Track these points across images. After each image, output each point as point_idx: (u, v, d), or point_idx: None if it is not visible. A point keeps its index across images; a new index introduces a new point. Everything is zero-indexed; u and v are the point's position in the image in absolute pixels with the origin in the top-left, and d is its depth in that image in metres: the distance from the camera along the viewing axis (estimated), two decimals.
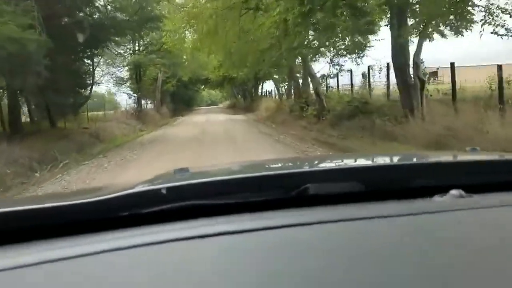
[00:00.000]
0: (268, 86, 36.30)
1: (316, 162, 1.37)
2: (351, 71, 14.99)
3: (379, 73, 12.89)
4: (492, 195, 0.73)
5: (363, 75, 14.04)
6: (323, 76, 15.04)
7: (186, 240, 0.56)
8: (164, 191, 0.70)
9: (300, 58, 16.65)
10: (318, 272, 0.47)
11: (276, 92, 27.87)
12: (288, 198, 0.72)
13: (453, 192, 0.69)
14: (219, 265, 0.51)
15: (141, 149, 10.49)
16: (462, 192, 0.69)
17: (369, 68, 13.61)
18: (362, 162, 1.24)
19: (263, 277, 0.47)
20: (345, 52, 13.80)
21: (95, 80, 25.16)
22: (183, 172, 0.90)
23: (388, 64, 12.58)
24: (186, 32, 15.95)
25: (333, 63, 14.94)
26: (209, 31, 14.64)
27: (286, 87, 24.10)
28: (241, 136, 12.66)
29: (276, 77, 26.06)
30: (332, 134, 11.42)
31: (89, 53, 14.20)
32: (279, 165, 1.29)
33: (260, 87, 34.11)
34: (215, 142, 11.28)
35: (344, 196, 0.72)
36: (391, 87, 12.13)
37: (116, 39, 13.16)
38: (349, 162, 1.29)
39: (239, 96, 52.31)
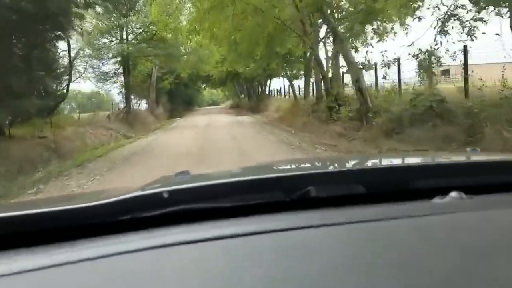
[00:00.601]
0: (276, 84, 32.80)
1: (316, 164, 1.41)
2: (398, 59, 11.44)
3: (453, 59, 9.10)
4: (492, 196, 0.73)
5: (421, 64, 10.24)
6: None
7: (188, 244, 0.56)
8: (165, 195, 0.70)
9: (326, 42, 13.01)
10: (320, 275, 0.48)
11: (289, 89, 24.27)
12: (289, 200, 0.73)
13: (453, 194, 0.70)
14: (221, 269, 0.51)
15: (107, 174, 6.72)
16: (462, 194, 0.70)
17: (430, 53, 9.92)
18: (362, 164, 1.29)
19: (265, 280, 0.47)
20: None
21: (76, 76, 21.61)
22: (184, 175, 0.93)
23: (465, 46, 8.96)
24: (182, 8, 12.29)
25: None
26: (212, 6, 11.02)
27: (301, 83, 20.40)
28: (258, 149, 8.92)
29: (288, 72, 22.55)
30: (395, 146, 7.79)
31: (52, 37, 10.53)
32: (280, 167, 1.31)
33: (267, 85, 30.34)
34: (222, 159, 7.57)
35: (344, 198, 0.73)
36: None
37: (80, 11, 9.38)
38: (349, 164, 1.31)
39: (242, 96, 49.29)
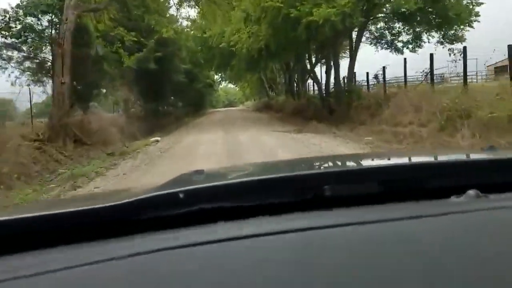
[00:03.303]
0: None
1: (332, 162, 1.40)
2: None
3: None
4: (509, 194, 0.74)
5: None
6: None
7: (205, 244, 0.57)
8: (181, 195, 0.71)
9: None
10: (338, 275, 0.49)
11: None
12: (305, 200, 0.74)
13: (470, 192, 0.70)
14: (239, 269, 0.52)
15: None
16: (479, 193, 0.70)
17: None
18: (377, 162, 1.28)
19: (284, 280, 0.48)
20: None
21: None
22: (199, 174, 0.96)
23: None
24: None
25: None
26: None
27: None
28: None
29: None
30: None
31: None
32: (296, 166, 1.30)
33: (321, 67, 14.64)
34: None
35: (360, 197, 0.73)
36: None
37: None
38: (365, 162, 1.32)
39: (272, 93, 34.06)
